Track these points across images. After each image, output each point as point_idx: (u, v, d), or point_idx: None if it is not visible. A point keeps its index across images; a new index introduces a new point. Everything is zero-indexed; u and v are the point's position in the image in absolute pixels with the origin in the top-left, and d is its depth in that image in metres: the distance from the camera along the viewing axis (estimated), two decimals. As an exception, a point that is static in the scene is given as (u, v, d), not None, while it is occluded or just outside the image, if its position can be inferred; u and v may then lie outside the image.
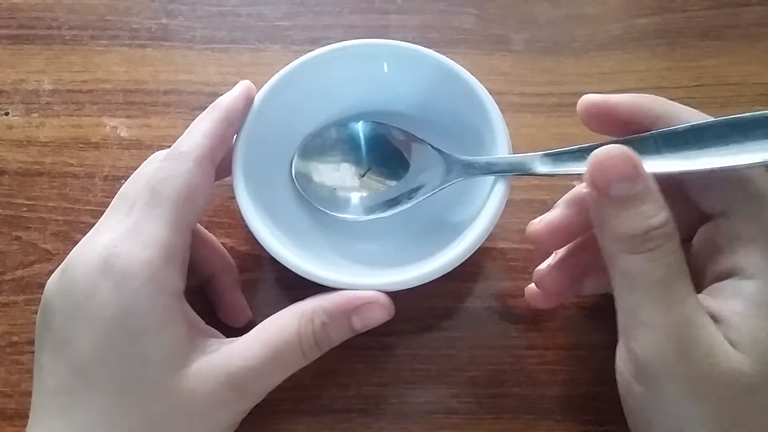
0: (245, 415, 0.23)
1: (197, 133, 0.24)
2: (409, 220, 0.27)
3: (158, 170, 0.23)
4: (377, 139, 0.28)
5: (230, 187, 0.25)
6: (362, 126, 0.28)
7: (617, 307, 0.21)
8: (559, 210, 0.24)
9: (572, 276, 0.25)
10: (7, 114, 0.33)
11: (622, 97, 0.23)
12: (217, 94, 0.33)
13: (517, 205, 0.25)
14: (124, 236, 0.22)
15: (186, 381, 0.21)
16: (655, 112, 0.22)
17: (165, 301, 0.21)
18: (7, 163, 0.32)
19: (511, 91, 0.33)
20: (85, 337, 0.21)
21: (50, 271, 0.29)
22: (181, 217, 0.22)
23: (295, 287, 0.28)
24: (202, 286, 0.27)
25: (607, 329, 0.27)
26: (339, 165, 0.28)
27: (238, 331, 0.23)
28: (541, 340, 0.27)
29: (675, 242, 0.20)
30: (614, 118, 0.23)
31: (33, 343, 0.27)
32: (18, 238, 0.30)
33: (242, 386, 0.22)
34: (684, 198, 0.23)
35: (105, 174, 0.31)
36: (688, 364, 0.19)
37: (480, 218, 0.24)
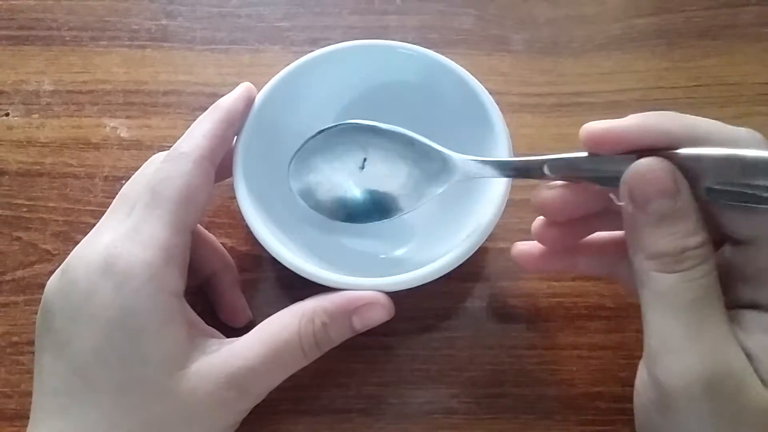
0: (246, 415, 0.23)
1: (197, 134, 0.24)
2: (410, 220, 0.27)
3: (158, 171, 0.23)
4: (379, 140, 0.28)
5: (231, 187, 0.25)
6: (364, 127, 0.28)
7: (645, 330, 0.20)
8: (559, 193, 0.23)
9: (573, 237, 0.24)
10: (7, 115, 0.33)
11: (629, 121, 0.21)
12: (217, 95, 0.33)
13: (517, 205, 0.25)
14: (125, 237, 0.22)
15: (186, 381, 0.21)
16: (669, 131, 0.20)
17: (165, 301, 0.21)
18: (7, 164, 0.32)
19: (510, 92, 0.33)
20: (86, 337, 0.21)
21: (50, 272, 0.29)
22: (181, 217, 0.22)
23: (295, 287, 0.28)
24: (203, 287, 0.28)
25: (607, 329, 0.28)
26: (338, 168, 0.28)
27: (239, 332, 0.23)
28: (541, 340, 0.27)
29: (711, 264, 0.19)
30: (624, 145, 0.21)
31: (33, 343, 0.27)
32: (18, 238, 0.30)
33: (242, 386, 0.22)
34: (708, 217, 0.21)
35: (105, 174, 0.31)
36: (717, 400, 0.18)
37: (480, 218, 0.24)
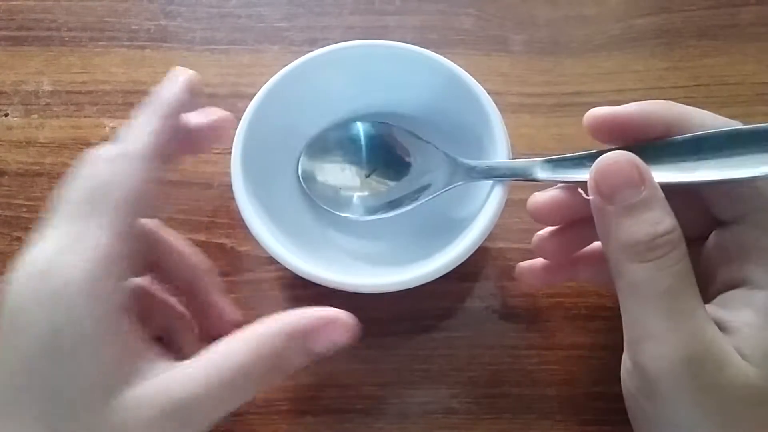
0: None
1: (143, 132, 0.22)
2: (409, 220, 0.27)
3: (101, 173, 0.21)
4: (382, 140, 0.28)
5: (230, 188, 0.25)
6: (368, 126, 0.28)
7: (623, 319, 0.20)
8: (556, 194, 0.23)
9: (572, 247, 0.25)
10: (6, 115, 0.33)
11: (631, 108, 0.22)
12: (217, 95, 0.33)
13: (516, 205, 0.25)
14: (64, 246, 0.19)
15: (121, 410, 0.18)
16: (665, 119, 0.22)
17: (101, 317, 0.19)
18: (6, 164, 0.32)
19: (509, 92, 0.33)
20: (9, 359, 0.19)
21: (50, 272, 0.29)
22: (126, 222, 0.20)
23: (295, 287, 0.29)
24: (182, 298, 0.25)
25: (607, 329, 0.28)
26: (344, 165, 0.28)
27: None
28: (541, 340, 0.27)
29: (682, 250, 0.19)
30: (625, 130, 0.22)
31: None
32: (18, 238, 0.30)
33: (184, 416, 0.19)
34: (697, 200, 0.22)
35: (104, 175, 0.31)
36: (699, 379, 0.18)
37: (479, 219, 0.24)
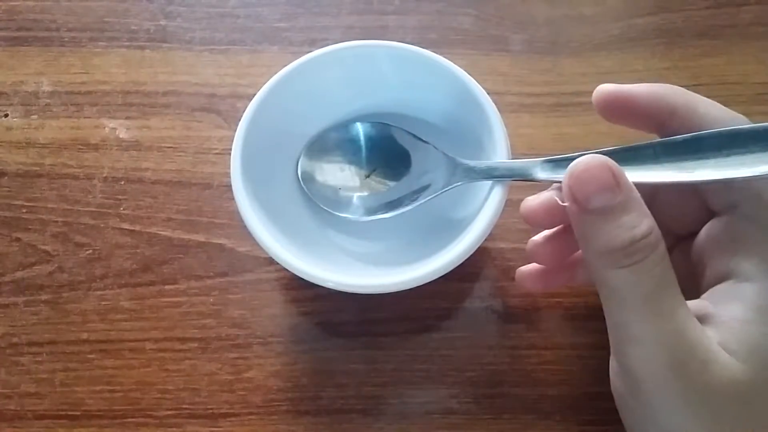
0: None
1: None
2: (409, 221, 0.27)
3: None
4: (382, 140, 0.28)
5: (229, 188, 0.25)
6: (367, 126, 0.28)
7: (607, 323, 0.21)
8: (557, 188, 0.23)
9: (567, 251, 0.25)
10: (6, 116, 0.33)
11: (639, 88, 0.22)
12: (216, 95, 0.33)
13: (516, 205, 0.25)
14: None
15: None
16: (672, 104, 0.22)
17: None
18: (6, 165, 0.32)
19: (509, 92, 0.33)
20: None
21: (50, 272, 0.29)
22: None
23: (295, 288, 0.29)
24: None
25: (607, 329, 0.27)
26: (344, 165, 0.28)
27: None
28: (541, 340, 0.27)
29: (660, 252, 0.19)
30: (631, 108, 0.22)
31: (32, 344, 0.28)
32: (18, 239, 0.30)
33: None
34: (695, 195, 0.22)
35: (104, 175, 0.31)
36: (684, 378, 0.19)
37: (479, 219, 0.24)
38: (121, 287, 0.29)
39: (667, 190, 0.24)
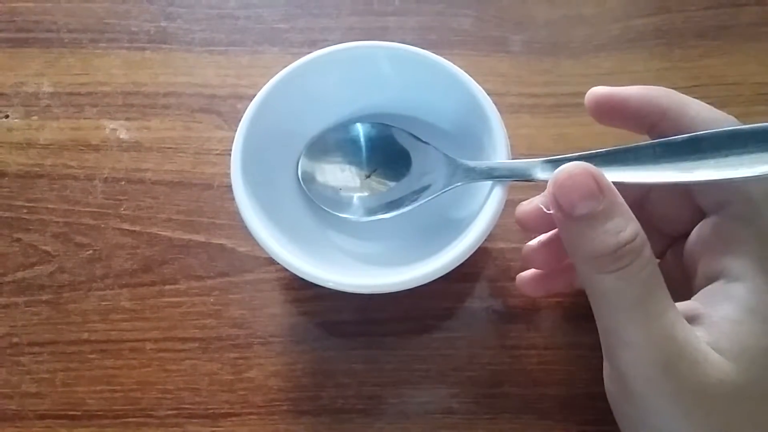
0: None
1: None
2: (409, 221, 0.27)
3: None
4: (382, 141, 0.28)
5: (229, 189, 0.25)
6: (367, 127, 0.28)
7: (598, 327, 0.21)
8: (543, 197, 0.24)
9: (562, 255, 0.25)
10: (7, 117, 0.33)
11: (631, 90, 0.23)
12: (216, 96, 0.33)
13: (516, 205, 0.25)
14: None
15: None
16: (664, 106, 0.22)
17: None
18: (7, 166, 0.32)
19: (509, 92, 0.33)
20: None
21: (50, 273, 0.29)
22: None
23: (295, 288, 0.29)
24: None
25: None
26: (344, 165, 0.28)
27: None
28: (541, 340, 0.27)
29: (646, 255, 0.19)
30: (623, 111, 0.23)
31: (33, 344, 0.28)
32: (18, 239, 0.30)
33: None
34: (685, 193, 0.22)
35: (105, 176, 0.31)
36: (674, 380, 0.19)
37: (479, 219, 0.24)
38: (122, 287, 0.29)
39: (660, 192, 0.24)
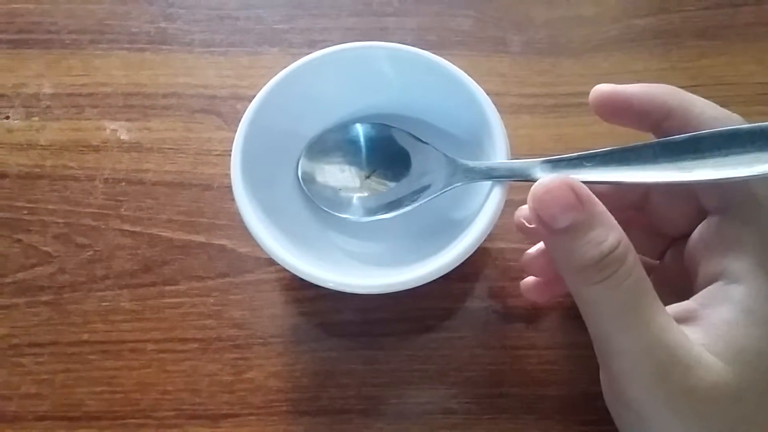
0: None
1: None
2: (409, 221, 0.27)
3: None
4: (382, 141, 0.28)
5: (230, 189, 0.25)
6: (367, 127, 0.28)
7: (591, 336, 0.21)
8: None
9: None
10: (7, 118, 0.33)
11: (635, 88, 0.22)
12: (216, 97, 0.33)
13: (516, 205, 0.25)
14: None
15: None
16: (668, 105, 0.22)
17: None
18: (8, 167, 0.32)
19: (508, 93, 0.33)
20: None
21: (51, 274, 0.29)
22: None
23: (295, 288, 0.29)
24: None
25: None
26: (344, 166, 0.28)
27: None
28: (540, 340, 0.27)
29: (630, 262, 0.19)
30: (627, 108, 0.23)
31: (33, 345, 0.28)
32: (19, 240, 0.30)
33: None
34: (686, 193, 0.22)
35: (105, 177, 0.31)
36: (667, 386, 0.19)
37: (479, 219, 0.24)
38: (122, 288, 0.29)
39: (659, 192, 0.24)
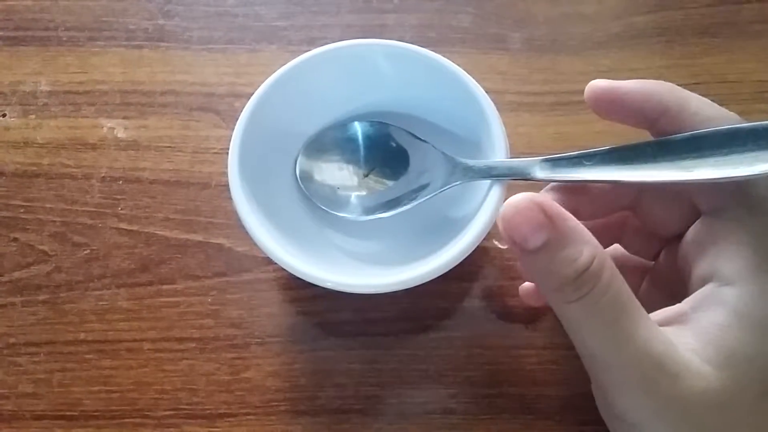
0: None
1: None
2: (407, 220, 0.27)
3: None
4: (380, 139, 0.28)
5: (228, 188, 0.25)
6: (365, 126, 0.28)
7: (576, 348, 0.20)
8: (549, 195, 0.23)
9: None
10: (4, 116, 0.33)
11: (631, 84, 0.22)
12: (214, 95, 0.33)
13: (515, 204, 0.25)
14: None
15: None
16: (664, 102, 0.21)
17: None
18: (4, 165, 0.32)
19: (508, 90, 0.33)
20: None
21: (47, 272, 0.29)
22: None
23: (293, 287, 0.29)
24: None
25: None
26: (342, 164, 0.28)
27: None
28: (540, 339, 0.27)
29: (606, 277, 0.19)
30: (623, 105, 0.22)
31: (30, 344, 0.27)
32: (15, 239, 0.30)
33: None
34: (680, 193, 0.22)
35: (102, 175, 0.31)
36: (655, 397, 0.18)
37: (478, 218, 0.24)
38: (119, 287, 0.29)
39: (653, 193, 0.24)
